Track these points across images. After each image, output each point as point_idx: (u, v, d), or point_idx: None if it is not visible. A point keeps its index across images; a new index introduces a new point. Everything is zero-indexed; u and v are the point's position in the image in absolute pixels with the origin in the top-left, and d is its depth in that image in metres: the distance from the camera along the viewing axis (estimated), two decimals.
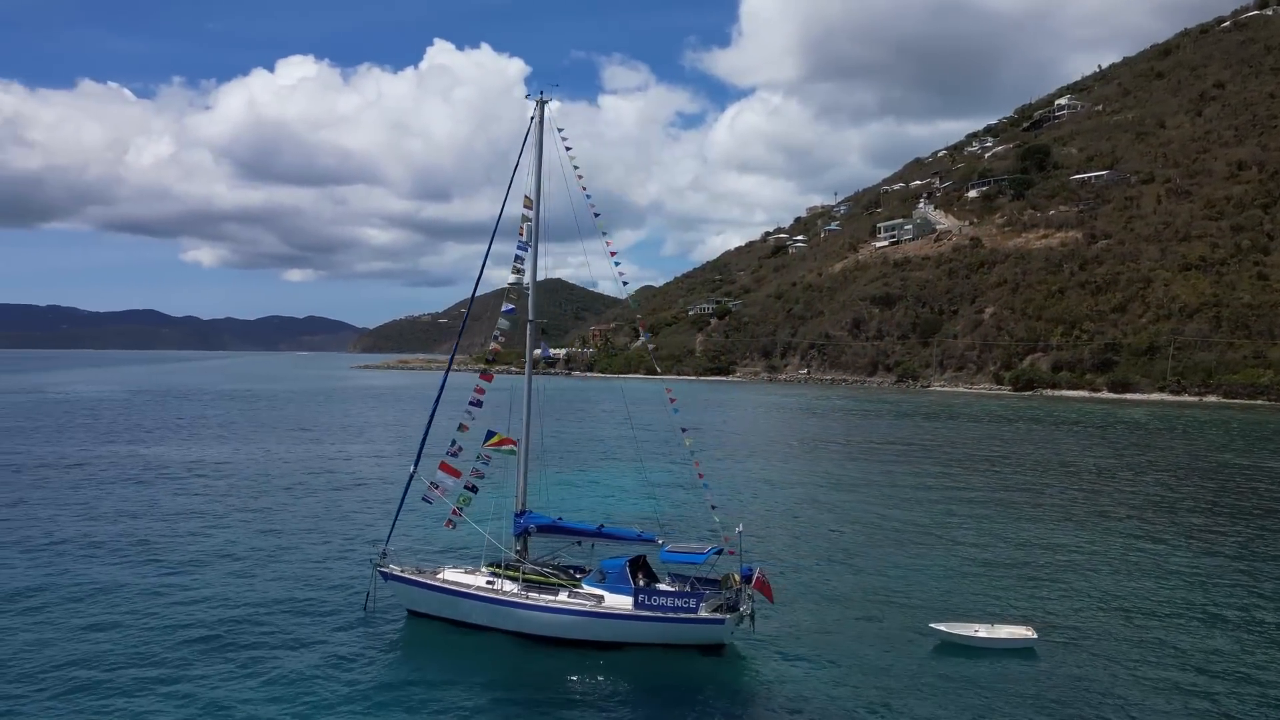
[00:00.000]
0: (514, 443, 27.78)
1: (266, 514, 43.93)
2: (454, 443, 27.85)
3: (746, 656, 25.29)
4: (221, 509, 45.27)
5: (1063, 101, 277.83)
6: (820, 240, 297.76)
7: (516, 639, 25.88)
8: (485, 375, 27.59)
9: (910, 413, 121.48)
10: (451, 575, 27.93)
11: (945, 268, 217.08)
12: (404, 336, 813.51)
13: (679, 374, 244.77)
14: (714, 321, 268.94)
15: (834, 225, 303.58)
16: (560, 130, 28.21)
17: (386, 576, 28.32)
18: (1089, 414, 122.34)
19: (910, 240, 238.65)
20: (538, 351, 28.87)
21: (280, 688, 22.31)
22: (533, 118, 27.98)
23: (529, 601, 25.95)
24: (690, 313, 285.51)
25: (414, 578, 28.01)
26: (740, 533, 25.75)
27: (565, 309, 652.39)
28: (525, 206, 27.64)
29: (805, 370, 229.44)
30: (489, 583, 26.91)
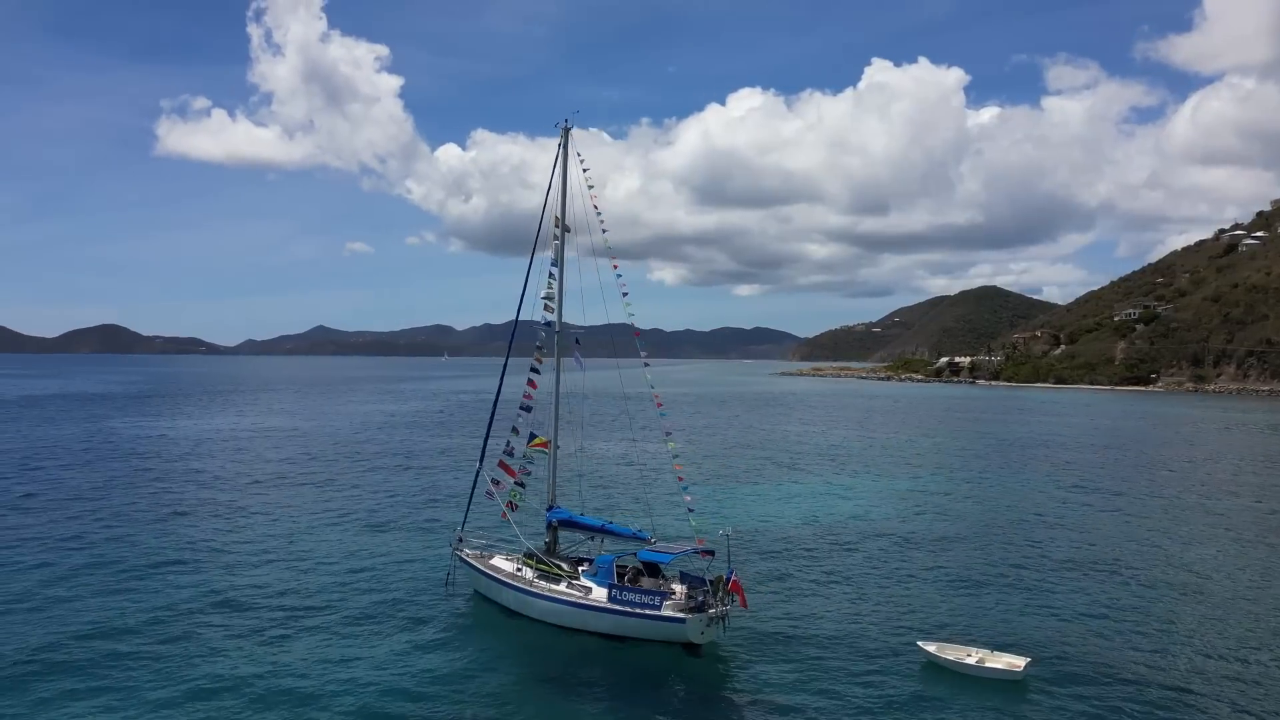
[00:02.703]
0: (547, 444, 30.64)
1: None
2: (508, 444, 31.04)
3: (726, 659, 25.39)
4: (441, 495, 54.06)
5: None
6: (1277, 236, 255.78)
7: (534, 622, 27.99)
8: (532, 383, 30.65)
9: None
10: (497, 561, 30.37)
11: None
12: (839, 345, 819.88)
13: (1092, 383, 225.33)
14: (1138, 328, 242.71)
15: None
16: (579, 155, 30.87)
17: (461, 560, 31.37)
18: None
19: None
20: (575, 363, 31.28)
21: (357, 648, 26.23)
22: (560, 144, 30.65)
23: (530, 589, 28.01)
24: (1115, 318, 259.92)
25: (471, 562, 30.67)
26: (727, 536, 26.83)
27: (1001, 316, 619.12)
28: (555, 225, 30.46)
29: (1240, 381, 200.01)
30: (517, 570, 29.31)
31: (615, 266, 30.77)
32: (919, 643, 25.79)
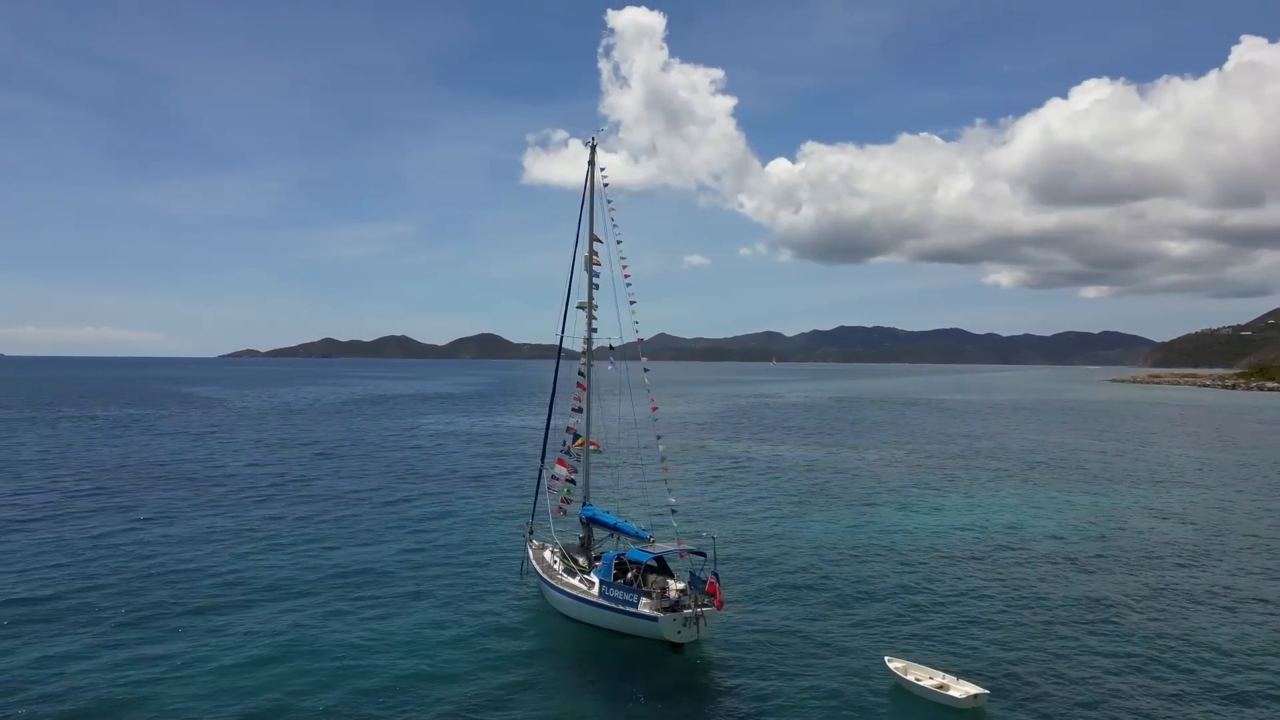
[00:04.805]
0: (596, 445, 32.15)
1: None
2: (565, 443, 32.60)
3: (705, 659, 25.55)
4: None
5: None
6: None
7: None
8: (581, 385, 32.26)
9: None
10: (544, 553, 32.12)
11: None
12: (1200, 350, 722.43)
13: None
14: None
15: None
16: (602, 169, 31.78)
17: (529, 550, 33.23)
18: None
19: None
20: (610, 367, 32.52)
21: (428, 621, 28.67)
22: (590, 162, 31.65)
23: (547, 579, 29.90)
24: None
25: (529, 552, 32.54)
26: (713, 539, 27.15)
27: None
28: (592, 239, 31.72)
29: None
30: (553, 563, 31.06)
31: (627, 276, 32.03)
32: (886, 659, 24.71)
